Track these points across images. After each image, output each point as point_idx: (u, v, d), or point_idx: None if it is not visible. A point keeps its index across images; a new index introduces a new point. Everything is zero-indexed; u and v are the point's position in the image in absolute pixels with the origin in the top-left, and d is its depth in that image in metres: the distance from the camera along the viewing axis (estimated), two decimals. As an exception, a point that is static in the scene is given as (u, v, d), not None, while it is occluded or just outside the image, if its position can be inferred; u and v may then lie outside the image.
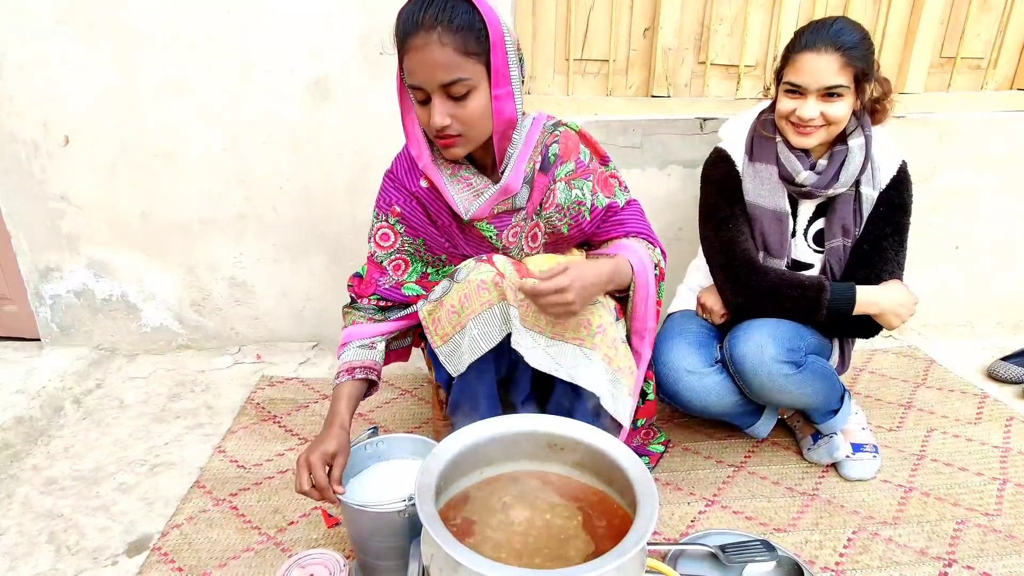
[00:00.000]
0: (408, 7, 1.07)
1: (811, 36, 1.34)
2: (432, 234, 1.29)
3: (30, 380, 1.82)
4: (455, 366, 1.20)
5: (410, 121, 1.20)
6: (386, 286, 1.29)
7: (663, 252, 1.33)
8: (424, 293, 1.29)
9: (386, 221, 1.29)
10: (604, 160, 1.33)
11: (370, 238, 1.31)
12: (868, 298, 1.39)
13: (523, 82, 1.19)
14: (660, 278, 1.30)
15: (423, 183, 1.24)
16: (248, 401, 1.79)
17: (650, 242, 1.32)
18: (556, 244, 1.32)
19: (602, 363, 1.15)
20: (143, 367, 1.97)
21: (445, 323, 1.18)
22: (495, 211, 1.23)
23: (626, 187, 1.36)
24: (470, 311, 1.15)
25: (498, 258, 1.19)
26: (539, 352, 1.15)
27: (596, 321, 1.16)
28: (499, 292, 1.15)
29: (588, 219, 1.28)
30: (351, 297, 1.35)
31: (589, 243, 1.37)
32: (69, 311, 1.99)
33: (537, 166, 1.23)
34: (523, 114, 1.21)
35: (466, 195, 1.21)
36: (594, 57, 1.94)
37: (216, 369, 1.96)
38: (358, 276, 1.36)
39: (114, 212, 1.88)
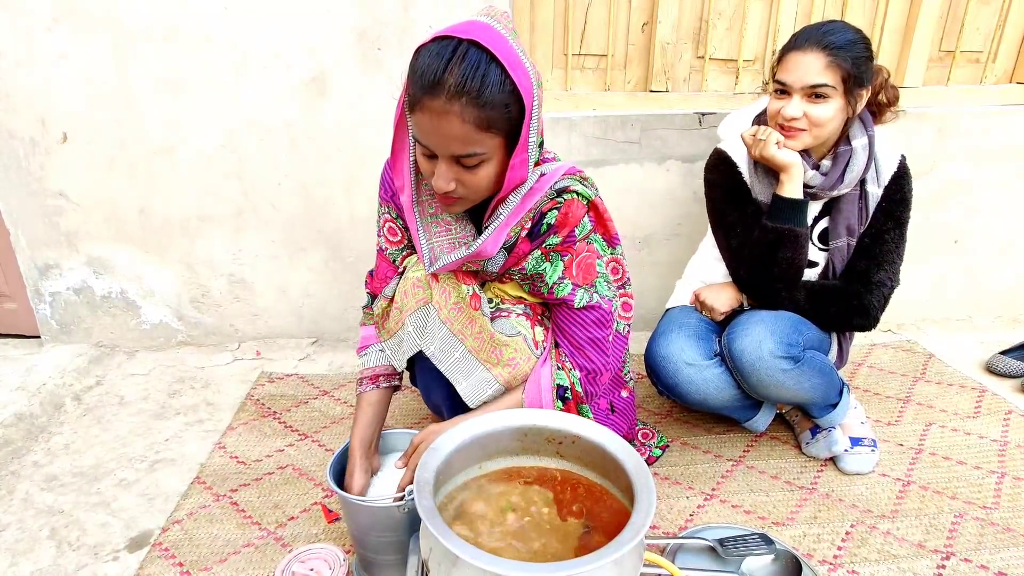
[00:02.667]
0: (432, 56, 0.92)
1: (800, 35, 1.35)
2: None
3: (30, 377, 1.82)
4: (398, 361, 1.24)
5: (402, 152, 1.09)
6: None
7: (594, 368, 1.21)
8: None
9: (388, 214, 1.24)
10: (612, 242, 1.22)
11: (379, 231, 1.27)
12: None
13: (540, 131, 1.06)
14: (578, 400, 1.21)
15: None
16: (248, 397, 1.79)
17: (575, 362, 1.21)
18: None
19: (499, 386, 1.19)
20: (143, 364, 1.97)
21: (392, 319, 1.21)
22: (464, 268, 1.16)
23: (624, 282, 1.25)
24: (407, 308, 1.17)
25: None
26: (445, 355, 1.18)
27: (508, 355, 1.17)
28: (428, 291, 1.16)
29: (544, 294, 1.19)
30: (368, 295, 1.34)
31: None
32: (69, 308, 1.99)
33: (524, 232, 1.12)
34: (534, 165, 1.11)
35: (441, 241, 1.14)
36: (592, 52, 1.93)
37: (216, 366, 1.96)
38: (371, 273, 1.35)
39: (112, 209, 1.88)
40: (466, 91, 0.91)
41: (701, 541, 1.21)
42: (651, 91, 1.97)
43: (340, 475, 1.20)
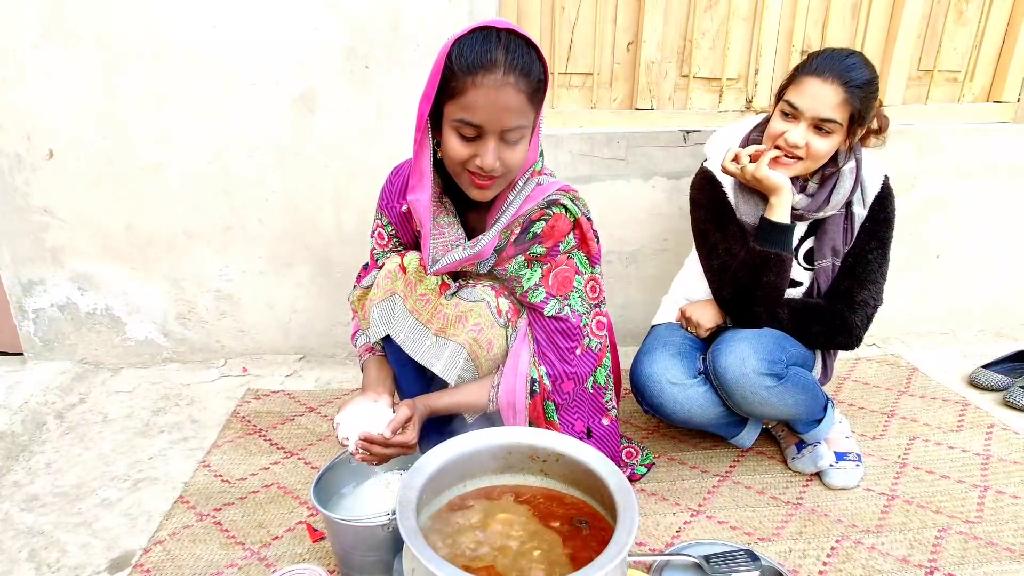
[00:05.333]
0: (479, 43, 1.02)
1: (823, 62, 1.33)
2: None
3: (12, 395, 1.80)
4: (375, 345, 1.34)
5: (421, 153, 1.13)
6: None
7: (554, 373, 1.23)
8: None
9: (380, 220, 1.32)
10: (592, 260, 1.26)
11: (372, 232, 1.35)
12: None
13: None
14: (543, 396, 1.24)
15: (404, 208, 1.26)
16: (233, 414, 1.78)
17: (539, 360, 1.24)
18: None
19: (466, 355, 1.21)
20: (127, 381, 1.95)
21: (368, 308, 1.27)
22: (463, 270, 1.24)
23: (599, 301, 1.27)
24: (375, 298, 1.24)
25: (410, 253, 1.25)
26: (415, 343, 1.23)
27: (472, 320, 1.20)
28: (394, 282, 1.22)
29: (519, 295, 1.24)
30: (354, 287, 1.39)
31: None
32: (53, 325, 1.97)
33: (513, 237, 1.19)
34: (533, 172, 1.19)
35: (437, 244, 1.19)
36: (579, 70, 1.96)
37: (201, 382, 1.95)
38: (366, 267, 1.42)
39: (99, 225, 1.88)
40: (518, 67, 1.02)
41: (687, 558, 1.21)
42: (637, 109, 1.99)
43: (324, 493, 1.19)
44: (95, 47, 1.70)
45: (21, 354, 2.02)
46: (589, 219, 1.24)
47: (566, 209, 1.19)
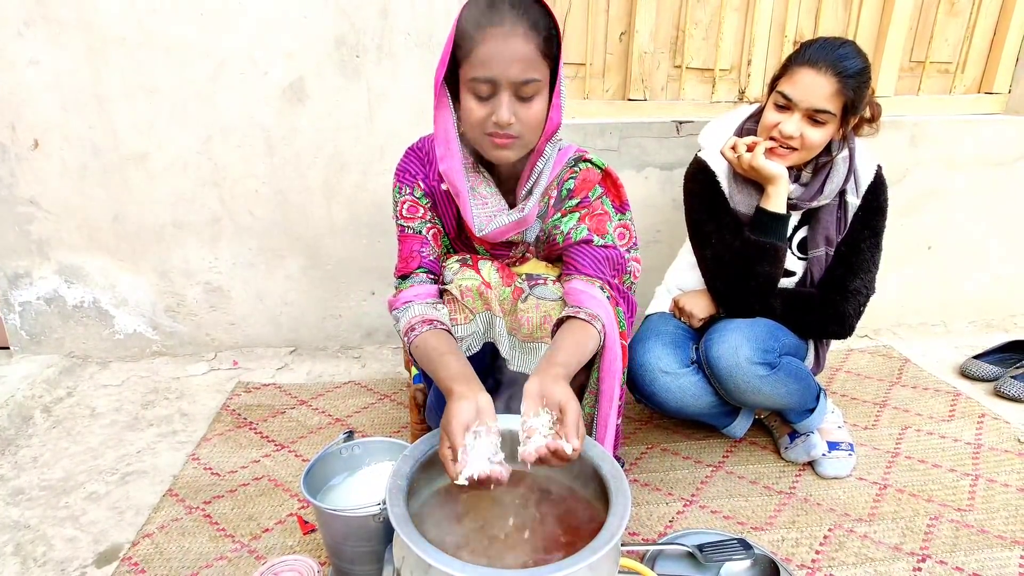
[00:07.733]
0: (486, 2, 1.03)
1: (816, 52, 1.32)
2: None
3: (-2, 389, 1.78)
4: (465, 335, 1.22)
5: (442, 121, 1.13)
6: (431, 257, 1.22)
7: (628, 306, 1.23)
8: None
9: (411, 195, 1.22)
10: (622, 208, 1.27)
11: (396, 216, 1.24)
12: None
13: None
14: (614, 302, 1.21)
15: (444, 187, 1.20)
16: (224, 408, 1.76)
17: (610, 287, 1.20)
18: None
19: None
20: (116, 374, 1.93)
21: (462, 309, 1.19)
22: (508, 239, 1.21)
23: (630, 246, 1.26)
24: (473, 309, 1.18)
25: (484, 264, 1.20)
26: (517, 355, 1.21)
27: (555, 317, 1.19)
28: (484, 301, 1.17)
29: (561, 243, 1.23)
30: (399, 279, 1.24)
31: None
32: (39, 318, 1.95)
33: (552, 202, 1.21)
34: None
35: (480, 213, 1.17)
36: (571, 60, 1.95)
37: (191, 376, 1.93)
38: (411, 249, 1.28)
39: (85, 216, 1.85)
40: (525, 19, 1.02)
41: (680, 547, 1.20)
42: (629, 99, 1.98)
43: (315, 484, 1.18)
44: (80, 35, 1.67)
45: (7, 348, 1.99)
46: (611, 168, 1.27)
47: (591, 163, 1.23)
